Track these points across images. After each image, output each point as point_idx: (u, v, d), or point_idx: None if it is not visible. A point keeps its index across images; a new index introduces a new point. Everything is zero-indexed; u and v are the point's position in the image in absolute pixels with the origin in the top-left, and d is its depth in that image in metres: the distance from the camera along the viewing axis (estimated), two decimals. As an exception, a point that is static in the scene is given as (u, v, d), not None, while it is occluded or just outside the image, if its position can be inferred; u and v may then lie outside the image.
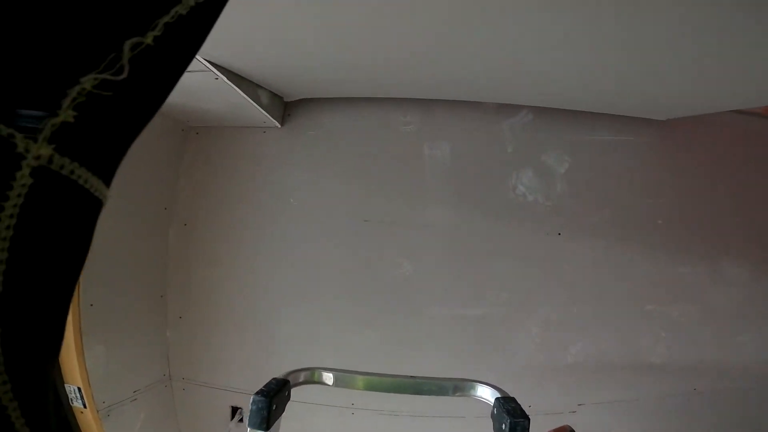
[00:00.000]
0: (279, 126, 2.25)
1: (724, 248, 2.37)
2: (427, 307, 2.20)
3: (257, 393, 1.07)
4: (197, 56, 1.72)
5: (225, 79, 1.81)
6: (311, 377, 1.28)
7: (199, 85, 1.88)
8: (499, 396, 1.16)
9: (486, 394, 1.23)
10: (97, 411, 1.86)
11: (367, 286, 2.19)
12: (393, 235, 2.18)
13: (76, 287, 0.33)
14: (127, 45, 0.29)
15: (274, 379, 1.17)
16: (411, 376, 1.28)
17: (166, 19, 0.30)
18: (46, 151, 0.27)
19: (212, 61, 1.79)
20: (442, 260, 2.20)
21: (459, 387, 1.29)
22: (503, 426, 1.04)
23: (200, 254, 2.29)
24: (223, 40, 1.64)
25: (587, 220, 2.26)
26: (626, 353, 2.31)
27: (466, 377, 1.28)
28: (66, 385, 1.95)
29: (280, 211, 2.23)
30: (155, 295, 2.29)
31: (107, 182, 0.32)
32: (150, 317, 2.28)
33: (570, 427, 1.48)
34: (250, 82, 2.03)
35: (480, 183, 2.21)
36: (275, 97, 2.22)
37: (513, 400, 1.12)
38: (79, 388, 1.97)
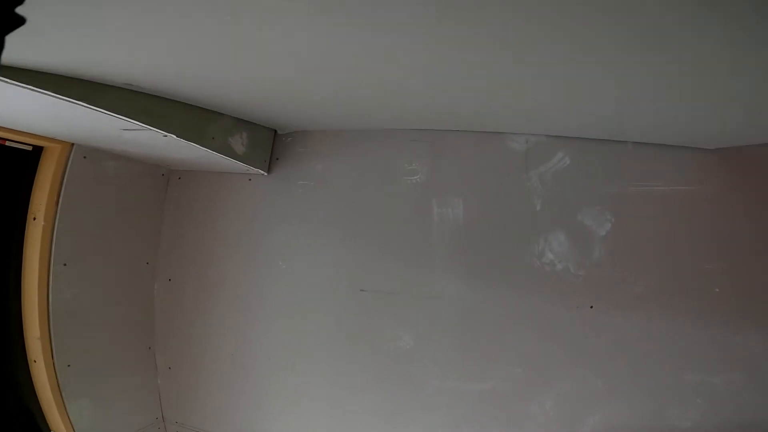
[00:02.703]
0: (265, 174, 1.83)
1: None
2: (429, 380, 1.84)
3: None
4: (127, 117, 1.32)
5: (174, 137, 1.40)
6: None
7: (149, 140, 1.48)
8: None
9: None
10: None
11: (361, 355, 1.85)
12: (392, 307, 1.79)
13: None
14: None
15: None
16: None
17: None
18: None
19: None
20: (447, 334, 1.80)
21: None
22: None
23: (186, 309, 2.00)
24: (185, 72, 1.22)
25: (627, 292, 1.78)
26: (651, 421, 1.91)
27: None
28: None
29: (268, 271, 1.88)
30: (142, 347, 2.05)
31: None
32: (138, 368, 2.07)
33: None
34: (222, 123, 1.61)
35: (498, 249, 1.76)
36: (258, 140, 1.79)
37: None
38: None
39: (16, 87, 1.07)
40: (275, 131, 1.90)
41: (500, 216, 1.76)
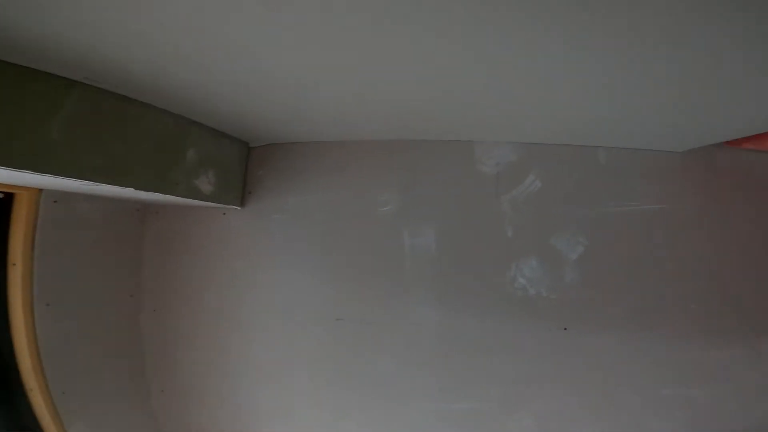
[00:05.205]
0: (239, 208, 1.74)
1: (764, 327, 1.77)
2: (410, 402, 1.80)
3: None
4: (81, 179, 1.20)
5: (133, 189, 1.32)
6: None
7: (111, 190, 1.39)
8: None
9: None
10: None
11: (342, 380, 1.81)
12: (370, 335, 1.73)
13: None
14: None
15: None
16: None
17: None
18: None
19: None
20: (424, 358, 1.75)
21: None
22: None
23: (173, 337, 1.97)
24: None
25: (601, 312, 1.70)
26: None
27: None
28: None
29: (247, 301, 1.82)
30: (134, 373, 2.02)
31: None
32: (132, 392, 2.05)
33: None
34: (186, 165, 1.51)
35: (470, 277, 1.68)
36: (226, 177, 1.69)
37: None
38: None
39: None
40: (246, 164, 1.80)
41: (472, 244, 1.67)
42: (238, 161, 1.76)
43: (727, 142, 1.75)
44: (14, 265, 1.65)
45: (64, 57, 1.06)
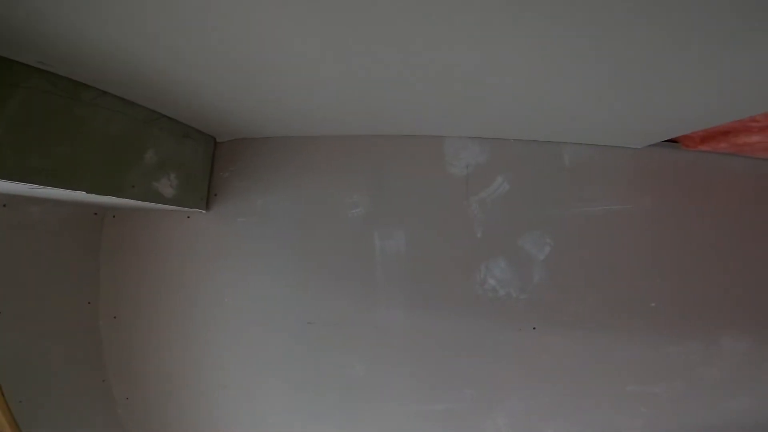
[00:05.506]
0: (204, 211, 1.67)
1: (722, 323, 1.84)
2: (384, 404, 1.78)
3: None
4: (24, 182, 1.09)
5: (84, 193, 1.24)
6: None
7: (63, 193, 1.32)
8: None
9: None
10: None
11: (314, 383, 1.77)
12: (341, 338, 1.70)
13: None
14: None
15: None
16: None
17: None
18: None
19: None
20: (397, 360, 1.73)
21: None
22: None
23: (136, 344, 1.88)
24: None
25: (567, 311, 1.73)
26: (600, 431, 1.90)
27: None
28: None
29: (215, 306, 1.75)
30: (96, 380, 1.93)
31: None
32: (95, 400, 1.95)
33: None
34: (144, 166, 1.43)
35: (441, 279, 1.67)
36: (190, 179, 1.62)
37: None
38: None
39: None
40: (212, 163, 1.74)
41: (442, 246, 1.66)
42: (203, 160, 1.69)
43: (685, 144, 1.81)
44: (-41, 272, 1.55)
45: (16, 38, 0.98)
